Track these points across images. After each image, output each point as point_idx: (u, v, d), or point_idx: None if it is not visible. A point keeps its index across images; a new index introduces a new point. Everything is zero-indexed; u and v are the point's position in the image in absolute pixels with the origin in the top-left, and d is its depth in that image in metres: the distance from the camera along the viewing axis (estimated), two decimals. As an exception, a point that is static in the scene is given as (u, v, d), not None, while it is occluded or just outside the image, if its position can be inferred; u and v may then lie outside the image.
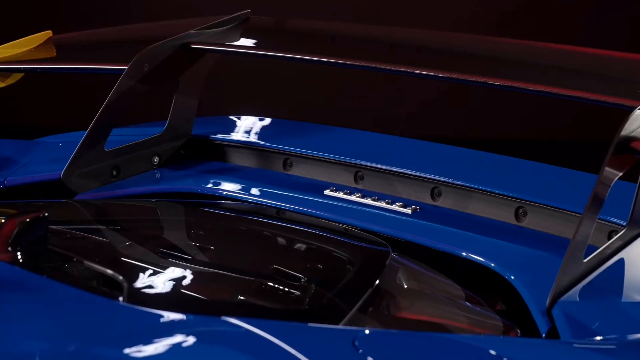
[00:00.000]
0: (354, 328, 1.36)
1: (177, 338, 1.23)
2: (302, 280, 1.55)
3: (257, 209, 2.05)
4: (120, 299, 1.36)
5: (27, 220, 1.45)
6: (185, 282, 1.52)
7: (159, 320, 1.28)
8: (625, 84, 1.89)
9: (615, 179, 1.67)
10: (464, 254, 1.83)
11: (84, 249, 1.59)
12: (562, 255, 1.61)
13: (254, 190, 2.16)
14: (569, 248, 1.60)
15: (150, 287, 1.46)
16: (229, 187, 2.19)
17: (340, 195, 2.10)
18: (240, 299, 1.48)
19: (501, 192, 2.03)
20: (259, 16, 2.51)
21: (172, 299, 1.45)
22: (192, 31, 2.31)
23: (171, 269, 1.56)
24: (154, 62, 2.23)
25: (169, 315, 1.28)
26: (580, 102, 1.81)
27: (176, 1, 5.66)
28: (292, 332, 1.27)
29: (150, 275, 1.50)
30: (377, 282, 1.60)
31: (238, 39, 2.39)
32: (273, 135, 2.46)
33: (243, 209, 2.03)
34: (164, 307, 1.31)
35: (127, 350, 1.19)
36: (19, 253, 1.41)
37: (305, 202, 2.08)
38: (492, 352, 1.29)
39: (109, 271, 1.44)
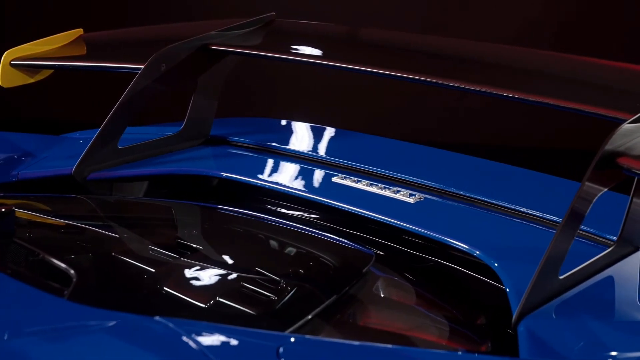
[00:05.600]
0: (286, 334, 1.34)
1: (101, 335, 1.25)
2: (263, 283, 1.54)
3: (242, 211, 2.05)
4: (63, 295, 1.38)
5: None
6: (133, 281, 1.53)
7: (92, 317, 1.29)
8: (621, 96, 1.83)
9: (599, 194, 1.61)
10: (449, 240, 1.81)
11: (49, 244, 1.61)
12: None
13: (260, 174, 2.17)
14: (540, 263, 1.56)
15: (97, 285, 1.47)
16: (236, 170, 2.19)
17: (348, 182, 2.09)
18: (186, 299, 1.48)
19: (501, 204, 1.99)
20: (284, 19, 2.51)
21: (114, 298, 1.46)
22: (212, 32, 2.32)
23: (127, 269, 1.57)
24: (172, 63, 2.24)
25: (103, 313, 1.29)
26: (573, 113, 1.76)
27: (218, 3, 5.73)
28: (217, 335, 1.26)
29: (102, 273, 1.51)
30: (344, 290, 1.58)
31: (259, 42, 2.39)
32: (289, 138, 2.47)
33: (229, 210, 2.03)
34: (104, 305, 1.32)
35: (44, 344, 1.21)
36: None
37: (313, 187, 2.09)
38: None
39: (62, 267, 1.46)
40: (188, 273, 1.59)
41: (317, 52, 2.34)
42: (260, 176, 2.16)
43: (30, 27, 4.35)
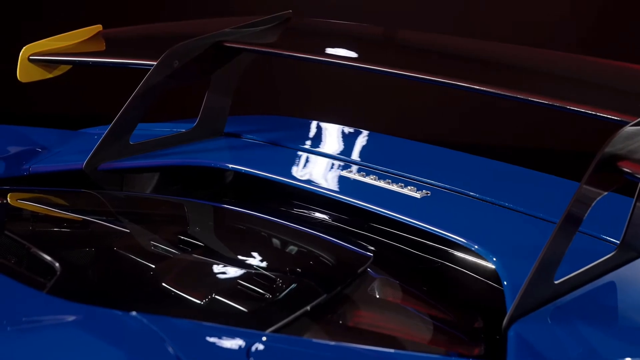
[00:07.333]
0: (260, 332, 1.32)
1: (74, 329, 1.24)
2: (252, 280, 1.53)
3: (240, 209, 2.04)
4: (43, 288, 1.38)
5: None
6: (119, 276, 1.52)
7: (67, 311, 1.29)
8: (625, 97, 1.79)
9: (598, 198, 1.57)
10: (448, 235, 1.78)
11: (38, 237, 1.61)
12: None
13: (268, 168, 2.15)
14: (534, 266, 1.52)
15: (76, 279, 1.47)
16: (244, 162, 2.18)
17: (356, 176, 2.08)
18: (174, 295, 1.47)
19: (506, 203, 1.96)
20: (301, 17, 2.49)
21: (94, 293, 1.46)
22: (226, 29, 2.32)
23: (113, 263, 1.57)
24: (185, 59, 2.24)
25: (79, 308, 1.29)
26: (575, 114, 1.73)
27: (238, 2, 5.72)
28: (191, 332, 1.25)
29: (85, 267, 1.51)
30: (336, 290, 1.56)
31: (274, 39, 2.38)
32: (300, 135, 2.45)
33: (227, 207, 2.02)
34: (83, 299, 1.32)
35: (13, 337, 1.21)
36: None
37: (321, 180, 2.08)
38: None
39: (47, 260, 1.46)
40: (179, 269, 1.58)
41: (332, 51, 2.32)
42: (267, 169, 2.14)
43: (49, 24, 4.38)
